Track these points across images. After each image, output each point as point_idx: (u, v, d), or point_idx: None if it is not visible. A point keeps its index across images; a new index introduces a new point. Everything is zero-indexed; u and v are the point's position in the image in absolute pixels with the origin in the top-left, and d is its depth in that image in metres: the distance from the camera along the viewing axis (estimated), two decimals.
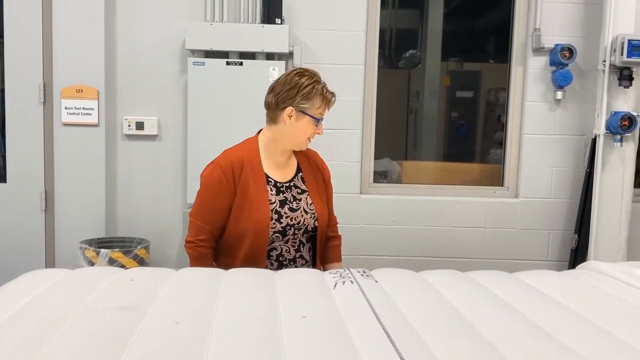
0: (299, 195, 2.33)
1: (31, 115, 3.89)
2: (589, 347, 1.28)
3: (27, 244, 3.95)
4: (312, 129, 2.28)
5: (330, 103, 2.29)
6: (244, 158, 2.28)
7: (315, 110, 2.25)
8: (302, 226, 2.29)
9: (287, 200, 2.29)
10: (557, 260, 4.16)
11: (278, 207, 2.26)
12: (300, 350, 1.23)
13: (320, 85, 2.27)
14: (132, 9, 3.95)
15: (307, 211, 2.31)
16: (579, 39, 4.02)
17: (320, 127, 2.30)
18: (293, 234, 2.29)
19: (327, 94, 2.27)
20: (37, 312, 1.43)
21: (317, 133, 2.30)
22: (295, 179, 2.36)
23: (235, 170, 2.24)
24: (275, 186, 2.30)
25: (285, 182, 2.33)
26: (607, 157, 3.82)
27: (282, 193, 2.30)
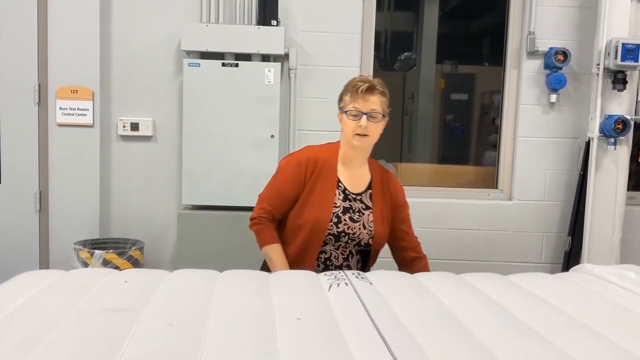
0: (363, 210, 2.34)
1: (26, 116, 3.88)
2: (583, 350, 1.29)
3: (21, 244, 3.94)
4: (353, 124, 2.23)
5: (360, 91, 2.21)
6: (321, 158, 2.33)
7: (349, 105, 2.24)
8: (356, 238, 2.32)
9: (351, 210, 2.32)
10: (550, 263, 4.17)
11: (340, 212, 2.30)
12: (294, 352, 1.24)
13: (354, 79, 2.28)
14: (128, 9, 3.95)
15: (365, 227, 2.33)
16: (573, 42, 4.04)
17: (362, 121, 2.21)
18: (346, 242, 2.33)
19: (357, 83, 2.24)
20: (31, 314, 1.42)
21: (359, 127, 2.21)
22: (364, 194, 2.36)
23: (309, 167, 2.30)
24: (344, 192, 2.33)
25: (355, 193, 2.34)
26: (601, 160, 3.84)
27: (348, 201, 2.33)
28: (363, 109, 2.21)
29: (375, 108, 2.23)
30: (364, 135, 2.24)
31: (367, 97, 2.22)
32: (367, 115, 2.21)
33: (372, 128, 2.24)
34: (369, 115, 2.21)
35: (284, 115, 3.96)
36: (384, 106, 2.27)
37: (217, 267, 1.95)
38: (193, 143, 3.82)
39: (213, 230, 3.77)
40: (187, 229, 3.78)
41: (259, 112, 3.81)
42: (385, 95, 2.27)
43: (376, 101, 2.23)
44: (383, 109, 2.26)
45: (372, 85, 2.23)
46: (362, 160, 2.37)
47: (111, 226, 4.06)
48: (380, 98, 2.24)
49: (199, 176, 3.83)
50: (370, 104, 2.22)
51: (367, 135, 2.24)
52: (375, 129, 2.26)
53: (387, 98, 2.28)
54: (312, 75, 4.01)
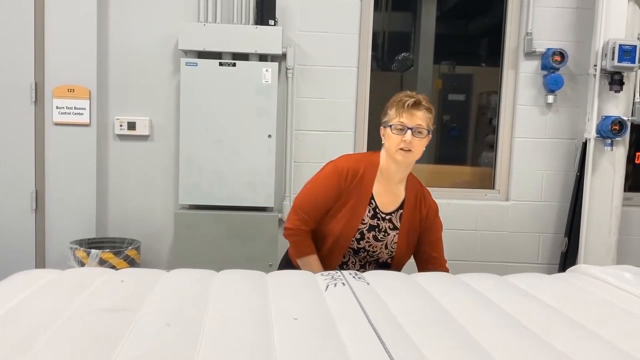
0: (390, 230, 2.32)
1: (22, 115, 3.87)
2: (579, 350, 1.29)
3: (17, 243, 3.92)
4: (397, 139, 2.18)
5: (406, 106, 2.18)
6: (361, 170, 2.29)
7: (393, 120, 2.20)
8: (375, 256, 2.33)
9: (377, 229, 2.31)
10: (547, 263, 4.18)
11: (366, 229, 2.30)
12: (291, 351, 1.23)
13: (399, 95, 2.25)
14: (125, 8, 3.94)
15: (387, 247, 2.32)
16: (570, 43, 4.04)
17: (407, 136, 2.16)
18: (365, 257, 2.34)
19: (403, 97, 2.21)
20: (27, 313, 1.42)
21: (403, 141, 2.17)
22: (394, 214, 2.33)
23: (348, 178, 2.28)
24: (374, 209, 2.31)
25: (385, 213, 2.32)
26: (598, 161, 3.85)
27: (376, 219, 2.31)
28: (409, 123, 2.18)
29: (420, 123, 2.19)
30: (408, 151, 2.19)
31: (413, 112, 2.18)
32: (412, 130, 2.17)
33: (417, 144, 2.19)
34: (415, 131, 2.17)
35: (282, 115, 3.96)
36: (429, 122, 2.22)
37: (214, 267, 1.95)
38: (190, 142, 3.82)
39: (210, 229, 3.76)
40: (183, 228, 3.77)
41: (257, 112, 3.81)
42: (431, 111, 2.24)
43: (422, 117, 2.19)
44: (428, 124, 2.22)
45: (419, 100, 2.20)
46: (402, 176, 2.32)
47: (108, 225, 4.05)
48: (425, 114, 2.21)
49: (195, 176, 3.82)
50: (416, 119, 2.18)
51: (410, 150, 2.19)
52: (420, 145, 2.21)
53: (432, 114, 2.24)
54: (309, 75, 4.00)
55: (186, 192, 3.84)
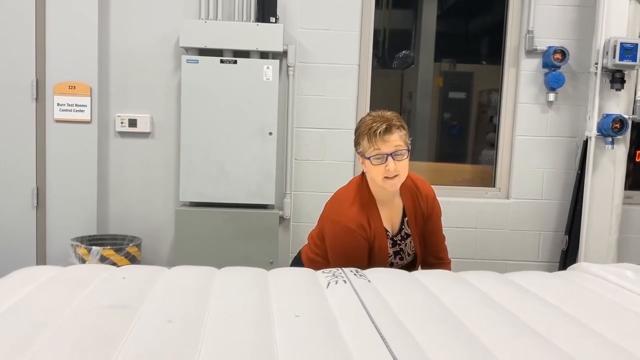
0: (404, 240, 2.33)
1: (23, 112, 3.87)
2: (579, 348, 1.29)
3: (18, 240, 3.93)
4: (379, 169, 2.09)
5: (377, 134, 2.05)
6: (366, 219, 2.20)
7: (369, 151, 2.10)
8: (404, 265, 2.36)
9: (400, 252, 2.33)
10: (547, 261, 4.18)
11: (392, 258, 2.31)
12: (293, 349, 1.24)
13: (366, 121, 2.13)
14: (126, 5, 3.93)
15: (409, 254, 2.35)
16: (571, 41, 4.04)
17: (389, 164, 2.06)
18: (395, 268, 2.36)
19: (372, 125, 2.08)
20: (28, 310, 1.42)
21: (387, 170, 2.07)
22: (403, 226, 2.31)
23: (366, 229, 2.19)
24: (392, 239, 2.30)
25: (396, 235, 2.31)
26: (599, 159, 3.85)
27: (396, 245, 2.31)
28: (386, 150, 2.06)
29: (398, 145, 2.08)
30: (395, 176, 2.11)
31: (386, 137, 2.06)
32: (391, 156, 2.07)
33: (400, 166, 2.10)
34: (394, 155, 2.07)
35: (282, 112, 3.96)
36: (405, 139, 2.12)
37: (215, 264, 1.94)
38: (191, 140, 3.82)
39: (210, 227, 3.77)
40: (184, 225, 3.77)
41: (257, 109, 3.81)
42: (404, 127, 2.12)
43: (397, 138, 2.08)
44: (405, 142, 2.11)
45: (390, 124, 2.07)
46: (395, 193, 2.26)
47: (109, 222, 4.06)
48: (399, 133, 2.09)
49: (196, 173, 3.82)
50: (392, 142, 2.07)
51: (397, 175, 2.11)
52: (404, 166, 2.12)
53: (406, 130, 2.13)
54: (310, 72, 4.00)
55: (187, 190, 3.84)
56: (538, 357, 1.25)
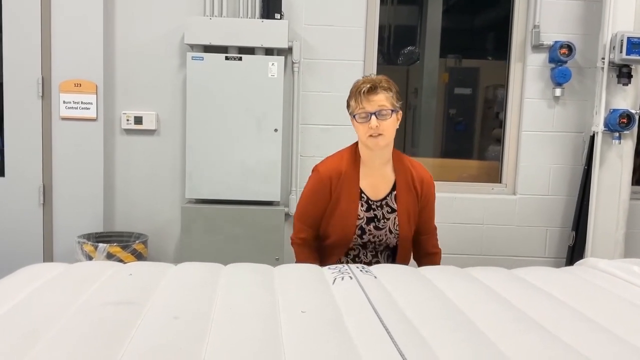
0: (388, 214, 2.32)
1: (29, 110, 3.88)
2: (587, 343, 1.29)
3: (25, 238, 3.94)
4: (364, 127, 2.18)
5: (362, 93, 2.16)
6: (343, 169, 2.29)
7: (356, 109, 2.20)
8: (383, 243, 2.35)
9: (375, 219, 2.31)
10: (554, 257, 4.17)
11: (364, 223, 2.30)
12: (299, 345, 1.24)
13: (356, 82, 2.25)
14: (131, 3, 3.93)
15: (391, 231, 2.32)
16: (578, 36, 4.02)
17: (372, 122, 2.16)
18: (374, 247, 2.36)
19: (360, 85, 2.20)
20: (36, 306, 1.43)
21: (370, 128, 2.16)
22: (388, 197, 2.33)
23: (332, 181, 2.29)
24: (367, 202, 2.31)
25: (378, 200, 2.32)
26: (606, 154, 3.83)
27: (372, 210, 2.31)
28: (370, 109, 2.16)
29: (383, 105, 2.17)
30: (378, 135, 2.18)
31: (370, 97, 2.17)
32: (375, 115, 2.16)
33: (385, 126, 2.18)
34: (378, 114, 2.16)
35: (288, 108, 3.96)
36: (392, 101, 2.20)
37: (221, 261, 1.95)
38: (196, 137, 3.82)
39: (216, 223, 3.77)
40: (190, 222, 3.78)
41: (263, 106, 3.81)
42: (391, 90, 2.21)
43: (382, 98, 2.17)
44: (392, 103, 2.20)
45: (374, 84, 2.18)
46: (384, 159, 2.31)
47: (115, 220, 4.07)
48: (385, 94, 2.18)
49: (202, 170, 3.83)
50: (377, 102, 2.17)
51: (381, 134, 2.18)
52: (388, 126, 2.19)
53: (394, 92, 2.22)
54: (315, 68, 4.00)
55: (193, 186, 3.85)
56: (545, 352, 1.25)
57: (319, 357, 1.19)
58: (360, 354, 1.20)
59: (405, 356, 1.18)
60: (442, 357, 1.20)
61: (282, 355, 1.19)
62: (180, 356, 1.16)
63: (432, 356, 1.20)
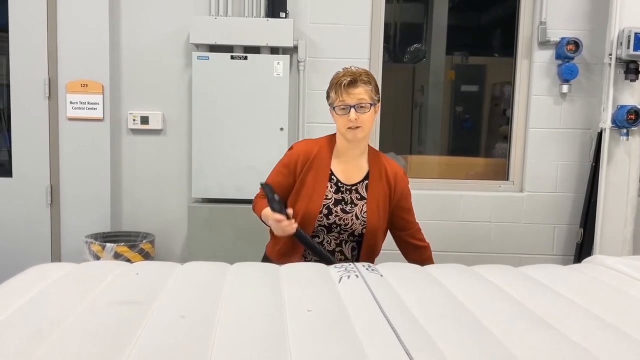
0: (357, 200, 2.33)
1: (36, 110, 3.90)
2: (595, 341, 1.28)
3: (32, 238, 3.97)
4: (343, 119, 2.24)
5: (342, 86, 2.20)
6: (315, 151, 2.35)
7: (336, 101, 2.25)
8: (348, 229, 2.33)
9: (343, 202, 2.32)
10: (562, 255, 4.15)
11: (331, 204, 2.31)
12: (305, 344, 1.23)
13: (337, 74, 2.29)
14: (137, 3, 3.95)
15: (358, 217, 2.32)
16: (585, 32, 4.00)
17: (351, 114, 2.20)
18: (338, 232, 2.34)
19: (340, 78, 2.23)
20: (43, 306, 1.43)
21: (349, 120, 2.21)
22: (359, 184, 2.35)
23: (301, 160, 2.33)
24: (336, 184, 2.33)
25: (348, 185, 2.34)
26: (613, 151, 3.81)
27: (340, 193, 2.33)
28: (349, 102, 2.21)
29: (362, 98, 2.21)
30: (356, 128, 2.23)
31: (350, 90, 2.21)
32: (354, 108, 2.21)
33: (363, 118, 2.23)
34: (357, 107, 2.21)
35: (293, 107, 3.96)
36: (371, 94, 2.24)
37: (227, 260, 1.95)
38: (202, 136, 3.83)
39: (223, 223, 3.78)
40: (197, 222, 3.79)
41: (268, 105, 3.81)
42: (371, 83, 2.25)
43: (361, 92, 2.22)
44: (370, 97, 2.24)
45: (354, 77, 2.22)
46: (358, 151, 2.35)
47: (122, 219, 4.08)
48: (365, 87, 2.22)
49: (208, 169, 3.83)
50: (356, 95, 2.21)
51: (359, 127, 2.23)
52: (366, 119, 2.24)
53: (373, 85, 2.26)
54: (321, 67, 3.99)
55: (199, 186, 3.86)
56: (553, 350, 1.24)
57: (325, 356, 1.19)
58: (367, 353, 1.20)
59: (412, 355, 1.17)
60: (449, 355, 1.20)
61: (288, 354, 1.19)
62: (186, 355, 1.17)
63: (439, 355, 1.20)
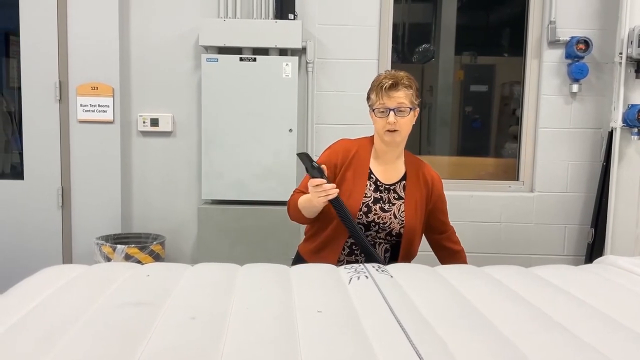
0: (394, 200, 2.35)
1: (47, 113, 3.93)
2: (607, 342, 1.27)
3: (44, 240, 4.00)
4: (382, 121, 2.25)
5: (384, 89, 2.22)
6: (354, 150, 2.37)
7: (375, 104, 2.27)
8: (387, 227, 2.33)
9: (382, 200, 2.34)
10: (573, 255, 4.13)
11: (371, 202, 2.32)
12: (316, 345, 1.24)
13: (379, 77, 2.31)
14: (146, 6, 3.97)
15: (396, 216, 2.33)
16: (595, 31, 3.97)
17: (390, 117, 2.22)
18: (376, 232, 2.34)
19: (382, 80, 2.25)
20: (55, 307, 1.44)
21: (388, 123, 2.23)
22: (397, 184, 2.37)
23: (341, 158, 2.35)
24: (375, 183, 2.35)
25: (387, 184, 2.36)
26: (624, 150, 3.78)
27: (379, 192, 2.35)
28: (389, 105, 2.23)
29: (402, 102, 2.23)
30: (394, 131, 2.25)
31: (391, 93, 2.23)
32: (394, 111, 2.23)
33: (402, 122, 2.25)
34: (397, 110, 2.23)
35: (302, 109, 3.96)
36: (412, 98, 2.26)
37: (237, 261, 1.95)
38: (212, 138, 3.84)
39: (233, 224, 3.79)
40: (206, 223, 3.80)
41: (277, 106, 3.81)
42: (412, 87, 2.26)
43: (402, 95, 2.23)
44: (411, 101, 2.25)
45: (396, 80, 2.23)
46: (396, 154, 2.38)
47: (132, 221, 4.10)
48: (405, 92, 2.24)
49: (218, 171, 3.84)
50: (396, 99, 2.23)
51: (397, 130, 2.25)
52: (405, 123, 2.26)
53: (414, 90, 2.27)
54: (329, 68, 4.00)
55: (209, 188, 3.87)
56: (564, 351, 1.23)
57: (335, 357, 1.19)
58: (377, 354, 1.20)
59: (422, 356, 1.17)
60: (459, 356, 1.19)
61: (298, 355, 1.19)
62: (197, 356, 1.17)
63: (449, 355, 1.20)
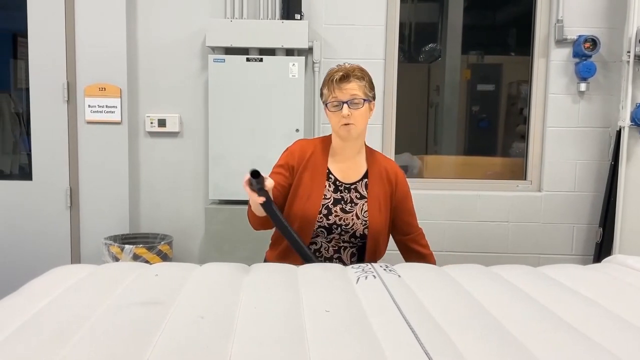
0: (357, 199, 2.27)
1: (55, 114, 3.95)
2: (617, 342, 1.27)
3: (52, 240, 4.02)
4: (336, 116, 2.18)
5: (335, 82, 2.16)
6: (311, 150, 2.30)
7: (329, 98, 2.20)
8: (350, 229, 2.25)
9: (343, 201, 2.26)
10: (581, 255, 4.11)
11: (330, 203, 2.25)
12: (324, 344, 1.24)
13: (329, 70, 2.25)
14: (153, 7, 3.98)
15: (359, 217, 2.25)
16: (602, 30, 3.95)
17: (344, 110, 2.15)
18: (339, 234, 2.26)
19: (333, 73, 2.19)
20: (64, 307, 1.45)
21: (342, 117, 2.16)
22: (358, 183, 2.29)
23: (297, 159, 2.28)
24: (334, 183, 2.28)
25: (347, 184, 2.29)
26: (632, 149, 3.77)
27: (339, 192, 2.27)
28: (342, 97, 2.16)
29: (355, 94, 2.16)
30: (350, 124, 2.18)
31: (343, 85, 2.16)
32: (347, 104, 2.15)
33: (356, 115, 2.17)
34: (350, 103, 2.16)
35: (309, 108, 3.97)
36: (365, 90, 2.19)
37: (245, 261, 1.96)
38: (219, 138, 3.85)
39: (240, 224, 3.77)
40: (214, 223, 3.81)
41: (284, 106, 3.82)
42: (364, 79, 2.20)
43: (355, 87, 2.17)
44: (364, 93, 2.19)
45: (347, 72, 2.17)
46: (355, 150, 2.30)
47: (140, 221, 4.12)
48: (358, 83, 2.18)
49: (225, 171, 3.85)
50: (349, 91, 2.16)
51: (352, 123, 2.18)
52: (360, 115, 2.19)
53: (367, 81, 2.21)
54: None
55: (216, 188, 3.88)
56: (574, 351, 1.23)
57: (343, 356, 1.19)
58: (386, 354, 1.19)
59: (431, 355, 1.17)
60: (468, 356, 1.19)
61: (306, 354, 1.19)
62: (206, 355, 1.17)
63: (457, 355, 1.19)
